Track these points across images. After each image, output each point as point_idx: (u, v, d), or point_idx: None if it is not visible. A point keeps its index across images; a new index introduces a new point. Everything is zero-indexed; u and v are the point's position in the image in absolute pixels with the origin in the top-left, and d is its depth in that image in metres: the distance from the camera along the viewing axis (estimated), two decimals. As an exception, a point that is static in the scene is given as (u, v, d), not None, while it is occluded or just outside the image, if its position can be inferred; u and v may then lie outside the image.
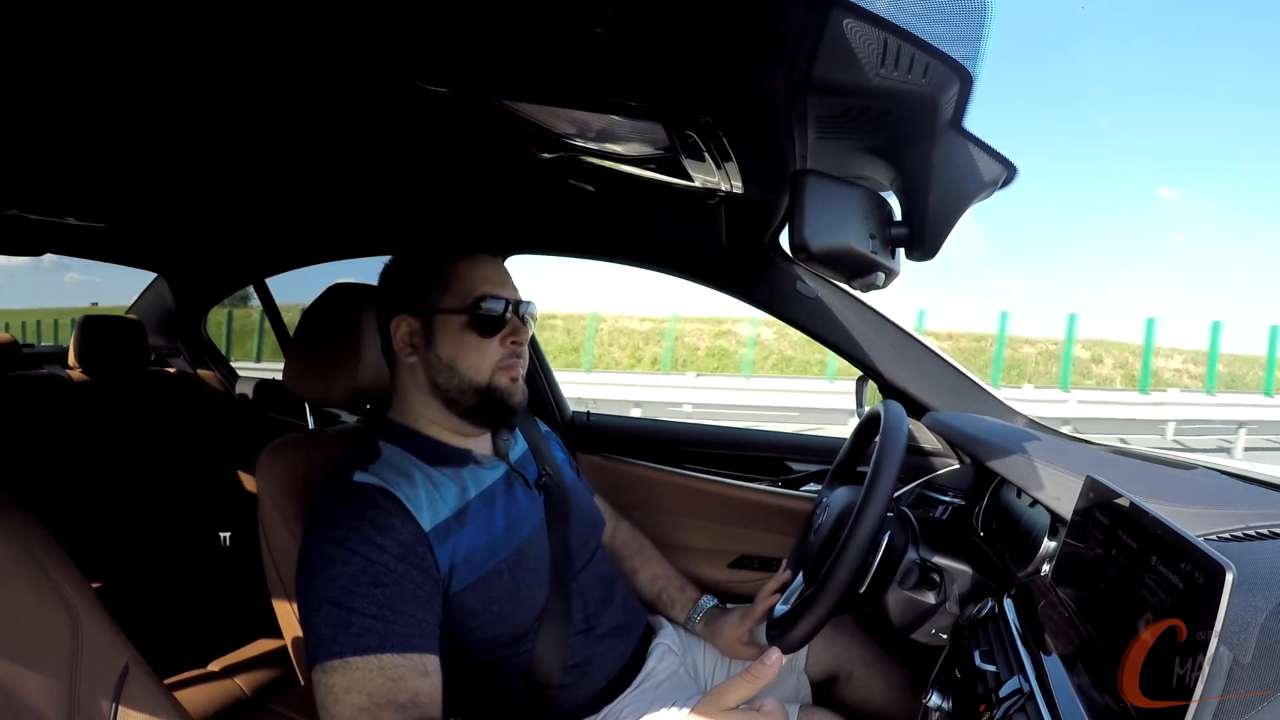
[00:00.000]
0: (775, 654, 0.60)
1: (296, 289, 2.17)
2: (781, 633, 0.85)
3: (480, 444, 0.93)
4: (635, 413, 8.43)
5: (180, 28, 0.67)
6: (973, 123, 0.60)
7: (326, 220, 1.67)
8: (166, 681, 0.71)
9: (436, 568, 0.77)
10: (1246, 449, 9.19)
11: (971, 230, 0.76)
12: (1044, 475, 0.84)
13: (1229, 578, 0.44)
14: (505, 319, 0.87)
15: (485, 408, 0.88)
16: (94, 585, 0.68)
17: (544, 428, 1.12)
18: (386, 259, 0.95)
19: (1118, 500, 0.62)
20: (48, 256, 2.03)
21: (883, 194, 0.76)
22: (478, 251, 0.91)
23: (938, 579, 0.90)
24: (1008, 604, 0.79)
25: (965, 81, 0.55)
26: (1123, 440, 1.21)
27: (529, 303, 0.91)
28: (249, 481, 1.99)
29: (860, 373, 1.35)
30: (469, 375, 0.86)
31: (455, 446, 0.89)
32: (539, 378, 1.62)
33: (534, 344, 1.48)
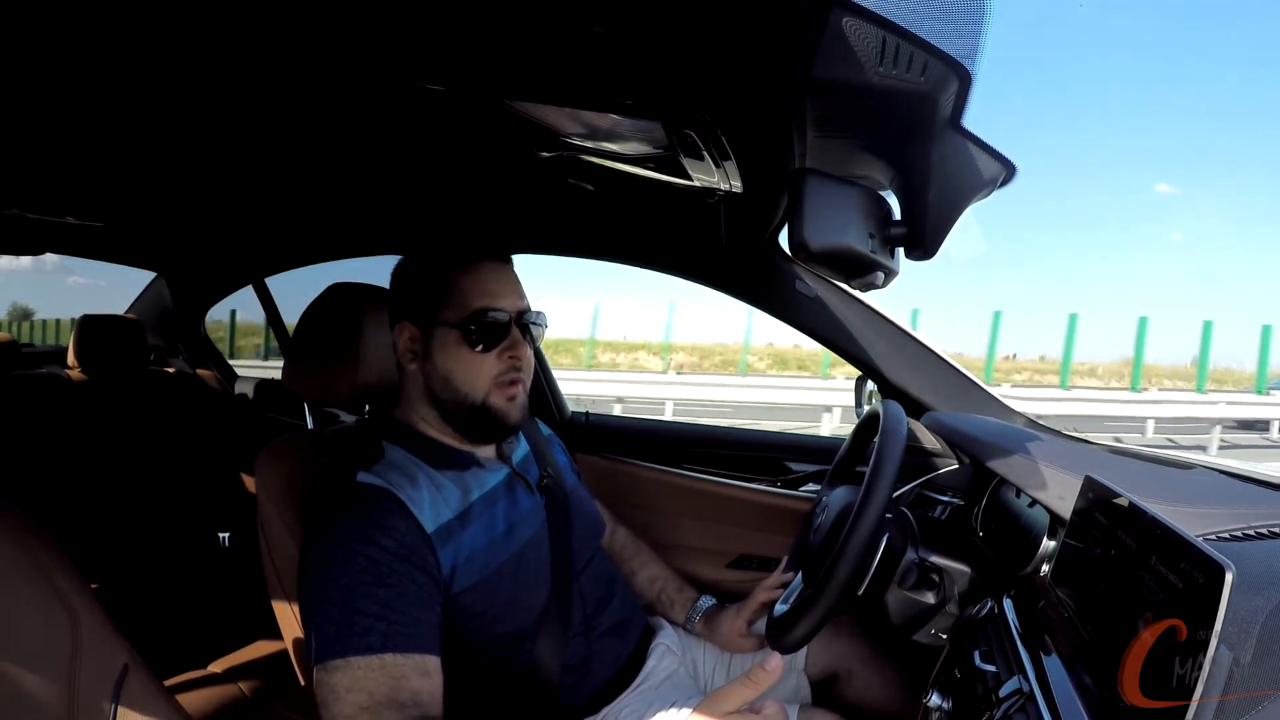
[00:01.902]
0: (775, 659, 0.59)
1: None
2: (780, 633, 0.85)
3: (483, 447, 0.93)
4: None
5: (180, 27, 0.67)
6: (971, 121, 0.60)
7: (326, 220, 1.66)
8: (166, 682, 0.71)
9: (438, 568, 0.77)
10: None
11: (971, 229, 0.76)
12: (1043, 475, 0.84)
13: (1229, 577, 0.44)
14: (506, 331, 0.86)
15: (479, 424, 0.87)
16: (92, 585, 0.67)
17: (545, 430, 1.12)
18: (381, 259, 0.95)
19: (1117, 500, 0.62)
20: (49, 261, 2.04)
21: (882, 193, 0.76)
22: (483, 258, 0.88)
23: (937, 579, 0.90)
24: (1007, 604, 0.79)
25: (964, 80, 0.55)
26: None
27: (538, 313, 0.90)
28: (248, 481, 1.99)
29: (860, 372, 1.35)
30: (464, 390, 0.85)
31: (458, 449, 0.89)
32: (539, 378, 1.62)
33: None
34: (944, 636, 0.90)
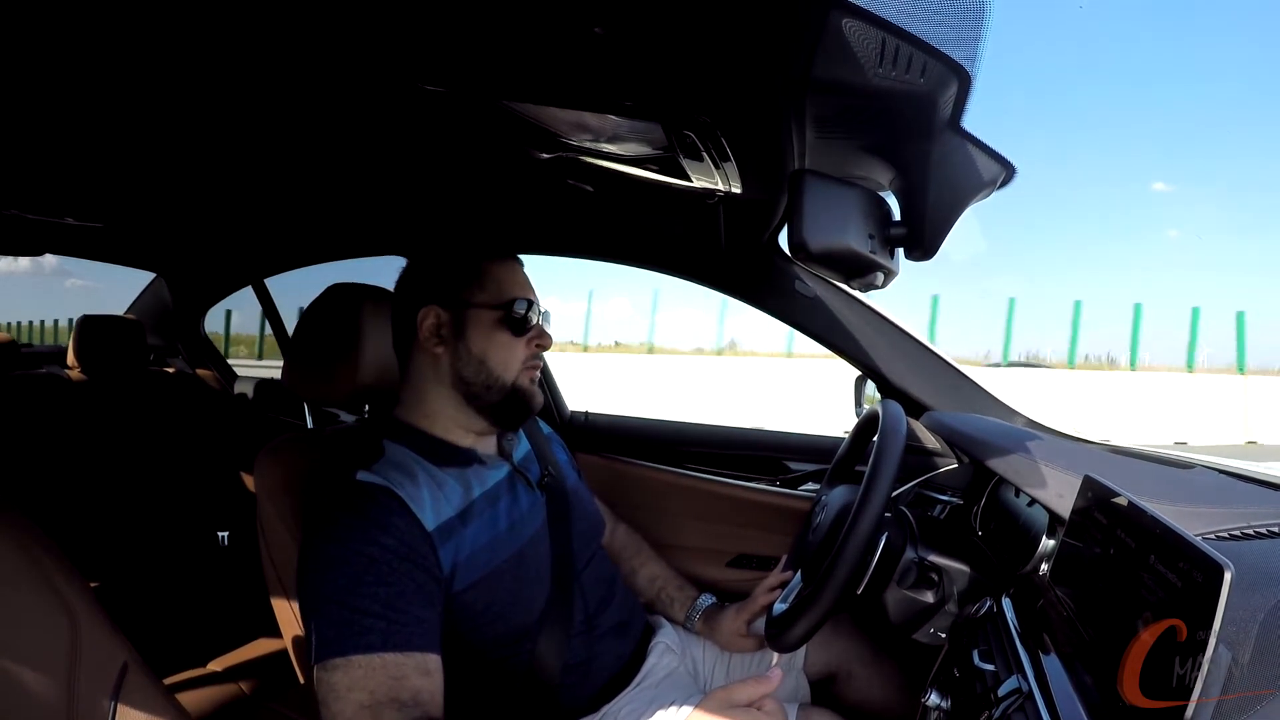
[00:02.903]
0: (777, 672, 0.66)
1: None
2: (780, 632, 0.85)
3: (485, 444, 0.93)
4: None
5: (180, 27, 0.67)
6: (970, 120, 0.60)
7: (325, 220, 1.67)
8: (166, 681, 0.71)
9: (439, 567, 0.77)
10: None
11: (970, 229, 0.76)
12: (1042, 474, 0.84)
13: (1228, 577, 0.44)
14: (532, 322, 0.89)
15: (507, 406, 0.89)
16: (92, 585, 0.67)
17: (546, 429, 1.12)
18: (381, 259, 0.96)
19: (1116, 499, 0.62)
20: (48, 265, 2.04)
21: (881, 194, 0.76)
22: (508, 254, 0.94)
23: (936, 578, 0.90)
24: (1006, 603, 0.79)
25: (964, 81, 0.55)
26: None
27: (546, 310, 0.94)
28: (248, 481, 1.99)
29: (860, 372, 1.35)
30: (497, 371, 0.87)
31: (461, 446, 0.89)
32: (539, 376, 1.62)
33: None
34: (943, 636, 0.90)
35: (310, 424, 2.05)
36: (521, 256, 0.97)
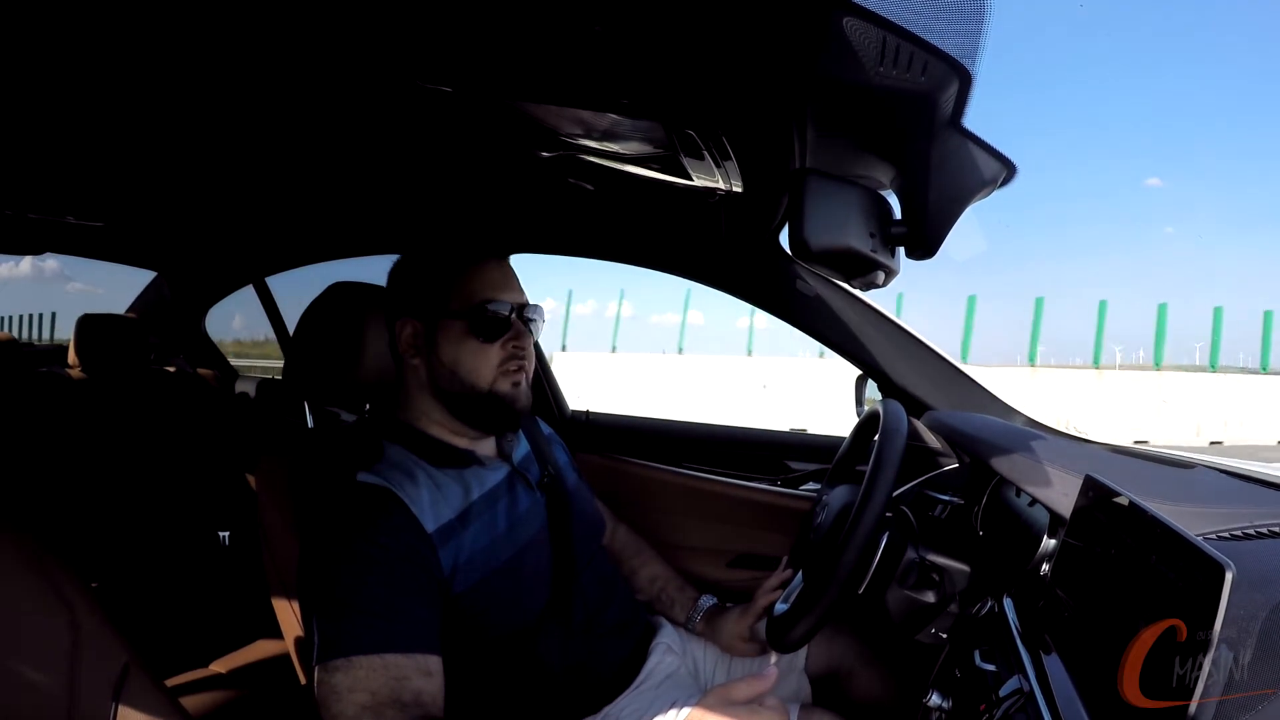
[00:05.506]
0: (773, 670, 0.65)
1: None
2: (781, 632, 0.85)
3: (484, 445, 0.93)
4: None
5: (180, 26, 0.67)
6: (971, 120, 0.60)
7: (327, 219, 1.67)
8: (167, 682, 0.71)
9: (439, 568, 0.77)
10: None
11: (971, 228, 0.76)
12: (1044, 474, 0.84)
13: (1229, 577, 0.44)
14: (509, 323, 0.87)
15: (488, 412, 0.88)
16: (92, 585, 0.67)
17: (546, 429, 1.12)
18: (377, 258, 0.95)
19: (1117, 499, 0.62)
20: (49, 269, 2.04)
21: (882, 193, 0.76)
22: (482, 254, 0.91)
23: (937, 578, 0.90)
24: (1007, 603, 0.79)
25: (964, 80, 0.55)
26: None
27: (535, 306, 0.91)
28: (249, 481, 1.99)
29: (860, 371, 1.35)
30: (470, 379, 0.86)
31: (459, 447, 0.89)
32: (539, 376, 1.62)
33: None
34: (944, 636, 0.90)
35: (311, 423, 2.05)
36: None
